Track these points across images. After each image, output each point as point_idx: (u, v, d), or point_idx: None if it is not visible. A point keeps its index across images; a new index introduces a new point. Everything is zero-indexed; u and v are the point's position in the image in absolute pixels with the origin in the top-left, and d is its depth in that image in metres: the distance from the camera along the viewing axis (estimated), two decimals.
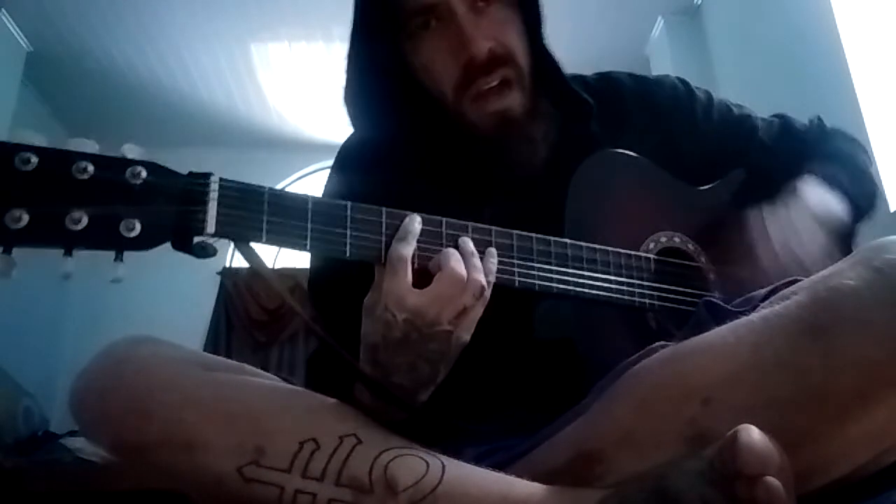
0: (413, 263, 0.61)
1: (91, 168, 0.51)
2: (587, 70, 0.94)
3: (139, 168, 0.53)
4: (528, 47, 0.82)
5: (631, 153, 0.82)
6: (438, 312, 0.60)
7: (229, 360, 0.69)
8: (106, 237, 0.52)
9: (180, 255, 0.58)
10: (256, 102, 4.38)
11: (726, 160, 0.90)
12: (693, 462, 0.47)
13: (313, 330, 0.63)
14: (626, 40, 3.74)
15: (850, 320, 0.50)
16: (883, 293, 0.49)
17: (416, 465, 0.54)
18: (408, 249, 0.61)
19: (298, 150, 4.71)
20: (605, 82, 0.92)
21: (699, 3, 3.51)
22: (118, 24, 3.66)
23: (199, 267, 4.22)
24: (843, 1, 2.29)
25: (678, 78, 0.94)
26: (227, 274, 4.43)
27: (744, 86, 3.05)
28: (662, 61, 3.64)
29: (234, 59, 3.99)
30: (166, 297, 4.01)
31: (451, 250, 0.62)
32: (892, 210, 2.01)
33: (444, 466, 0.55)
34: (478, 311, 0.63)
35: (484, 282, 0.62)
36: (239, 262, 4.58)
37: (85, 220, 0.50)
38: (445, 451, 0.58)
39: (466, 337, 0.63)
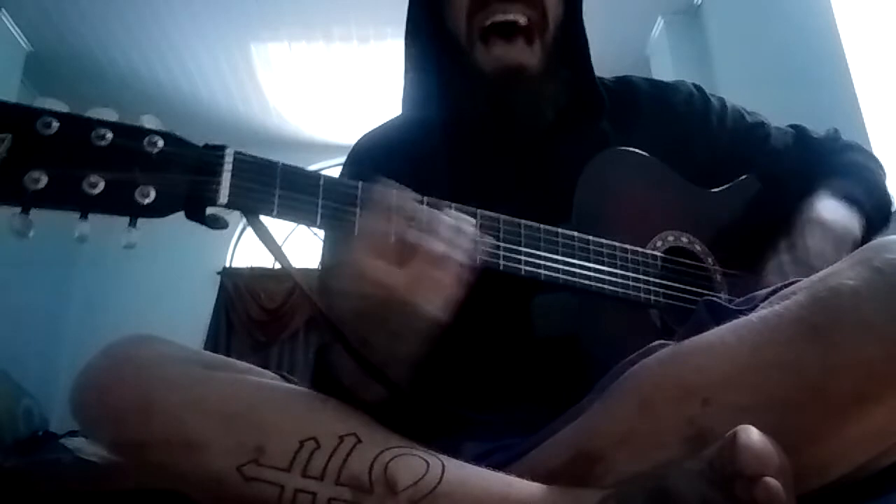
0: (390, 240, 0.60)
1: (110, 135, 0.53)
2: None
3: (157, 137, 0.55)
4: (563, 16, 0.83)
5: (642, 152, 0.82)
6: (414, 290, 0.59)
7: (230, 359, 0.69)
8: (121, 202, 0.53)
9: (180, 254, 0.58)
10: (256, 102, 4.38)
11: (738, 165, 0.91)
12: (693, 462, 0.47)
13: (309, 298, 0.61)
14: (626, 40, 3.74)
15: (849, 320, 0.49)
16: (883, 293, 0.49)
17: (416, 464, 0.54)
18: (377, 220, 0.60)
19: (298, 150, 4.71)
20: (622, 85, 0.94)
21: (699, 3, 3.51)
22: (118, 24, 3.66)
23: (199, 267, 4.24)
24: (843, 1, 2.29)
25: (694, 84, 0.96)
26: (227, 274, 4.44)
27: (744, 86, 3.04)
28: (662, 61, 3.64)
29: (234, 59, 3.99)
30: (166, 298, 4.01)
31: (421, 223, 0.62)
32: (892, 210, 2.01)
33: (443, 466, 0.54)
34: (447, 286, 0.61)
35: (452, 255, 0.61)
36: (239, 262, 4.59)
37: (101, 185, 0.51)
38: (446, 444, 0.58)
39: (444, 316, 0.61)
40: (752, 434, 0.45)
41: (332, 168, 4.63)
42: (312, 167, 4.72)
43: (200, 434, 0.56)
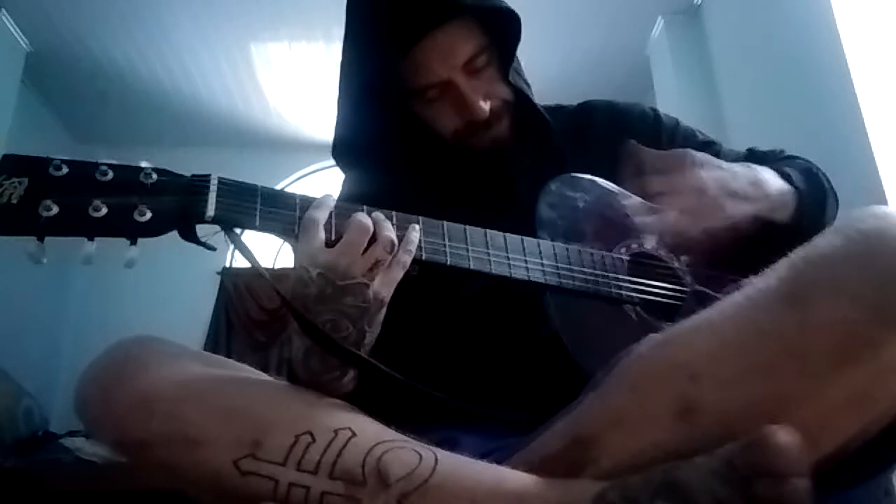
0: (331, 236, 0.66)
1: (111, 173, 0.61)
2: (588, 70, 0.98)
3: (151, 171, 0.63)
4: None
5: (593, 178, 0.88)
6: (349, 264, 0.63)
7: (228, 359, 0.70)
8: (122, 223, 0.60)
9: (180, 255, 0.61)
10: (256, 102, 4.38)
11: None
12: (706, 459, 0.47)
13: (288, 305, 0.64)
14: (626, 40, 3.73)
15: (822, 284, 0.52)
16: (852, 257, 0.52)
17: (408, 457, 0.55)
18: (320, 214, 0.66)
19: (298, 150, 4.71)
20: (582, 110, 1.02)
21: (699, 3, 3.51)
22: (118, 24, 3.66)
23: (199, 267, 4.24)
24: (843, 1, 2.30)
25: (651, 108, 1.03)
26: (227, 274, 4.44)
27: (744, 85, 3.05)
28: (662, 61, 3.64)
29: (234, 59, 3.99)
30: (166, 298, 4.01)
31: (360, 211, 0.68)
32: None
33: (436, 458, 0.55)
34: (395, 271, 0.66)
35: (394, 237, 0.66)
36: (239, 262, 4.58)
37: (104, 209, 0.59)
38: (441, 436, 0.59)
39: (385, 294, 0.66)
40: (782, 434, 0.45)
41: (331, 168, 4.64)
42: (312, 167, 4.67)
43: (199, 430, 0.57)
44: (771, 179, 0.86)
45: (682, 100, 3.30)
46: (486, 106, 0.85)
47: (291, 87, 4.24)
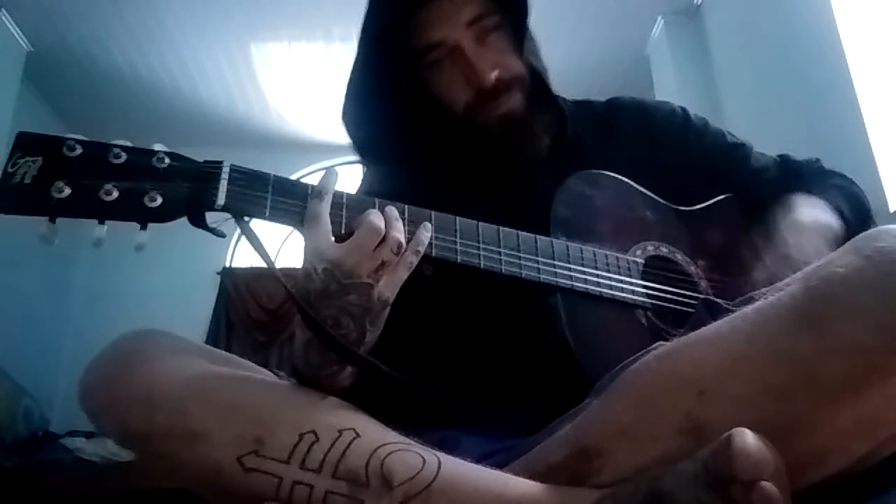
0: (341, 229, 0.65)
1: (124, 155, 0.61)
2: (588, 70, 0.97)
3: (164, 155, 0.63)
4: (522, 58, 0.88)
5: (613, 174, 0.86)
6: (356, 263, 0.63)
7: (232, 356, 0.70)
8: (132, 208, 0.60)
9: (180, 255, 0.60)
10: (256, 102, 4.38)
11: (715, 182, 0.94)
12: (687, 464, 0.47)
13: (292, 296, 0.64)
14: (626, 40, 3.74)
15: (841, 307, 0.50)
16: (873, 280, 0.50)
17: (412, 460, 0.55)
18: (322, 205, 0.65)
19: (298, 150, 4.71)
20: (610, 106, 1.00)
21: (699, 3, 3.51)
22: (118, 24, 3.66)
23: (199, 267, 4.25)
24: (843, 1, 2.30)
25: (680, 106, 1.01)
26: (227, 274, 4.44)
27: (743, 85, 3.05)
28: (662, 61, 3.64)
29: (234, 59, 3.99)
30: (166, 298, 4.01)
31: (372, 209, 0.66)
32: (892, 210, 2.01)
33: (440, 463, 0.55)
34: (401, 272, 0.65)
35: (402, 239, 0.65)
36: (239, 261, 4.59)
37: (116, 193, 0.59)
38: (442, 436, 0.59)
39: (389, 295, 0.65)
40: (746, 438, 0.45)
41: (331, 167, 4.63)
42: (313, 167, 4.66)
43: (202, 424, 0.57)
44: (828, 227, 0.85)
45: (681, 100, 3.26)
46: (492, 74, 0.84)
47: (291, 87, 4.24)
